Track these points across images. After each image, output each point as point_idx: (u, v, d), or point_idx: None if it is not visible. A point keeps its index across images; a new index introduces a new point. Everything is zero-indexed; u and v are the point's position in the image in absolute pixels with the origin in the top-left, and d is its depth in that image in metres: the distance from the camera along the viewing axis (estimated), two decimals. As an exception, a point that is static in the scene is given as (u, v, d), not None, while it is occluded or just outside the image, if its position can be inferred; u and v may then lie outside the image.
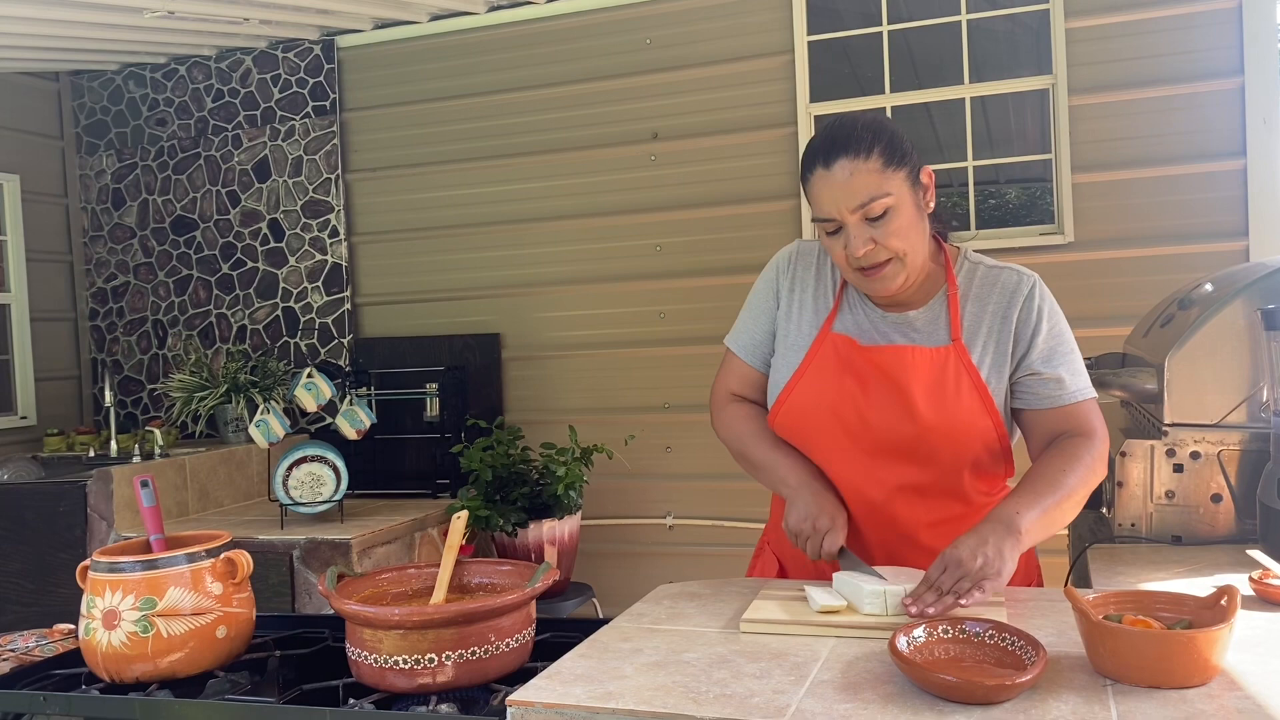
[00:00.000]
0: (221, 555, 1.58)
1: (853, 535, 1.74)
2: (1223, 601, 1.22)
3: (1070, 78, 3.77)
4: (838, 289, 1.80)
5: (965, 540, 1.47)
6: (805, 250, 1.87)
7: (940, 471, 1.70)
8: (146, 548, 1.63)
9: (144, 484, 1.66)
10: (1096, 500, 2.21)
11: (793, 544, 1.72)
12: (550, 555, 3.68)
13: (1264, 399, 1.87)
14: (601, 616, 3.66)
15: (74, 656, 1.64)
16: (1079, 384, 1.68)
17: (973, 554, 1.43)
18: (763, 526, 2.06)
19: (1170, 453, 1.91)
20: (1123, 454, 1.93)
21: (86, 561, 1.58)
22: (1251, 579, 1.52)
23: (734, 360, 1.91)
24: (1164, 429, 1.92)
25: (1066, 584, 1.96)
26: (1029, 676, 1.14)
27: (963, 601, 1.39)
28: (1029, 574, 1.88)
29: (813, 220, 1.70)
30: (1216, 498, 1.89)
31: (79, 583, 1.58)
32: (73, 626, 1.72)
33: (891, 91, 4.01)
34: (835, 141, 1.63)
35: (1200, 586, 1.58)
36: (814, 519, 1.67)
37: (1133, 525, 1.93)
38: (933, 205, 1.70)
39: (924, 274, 1.73)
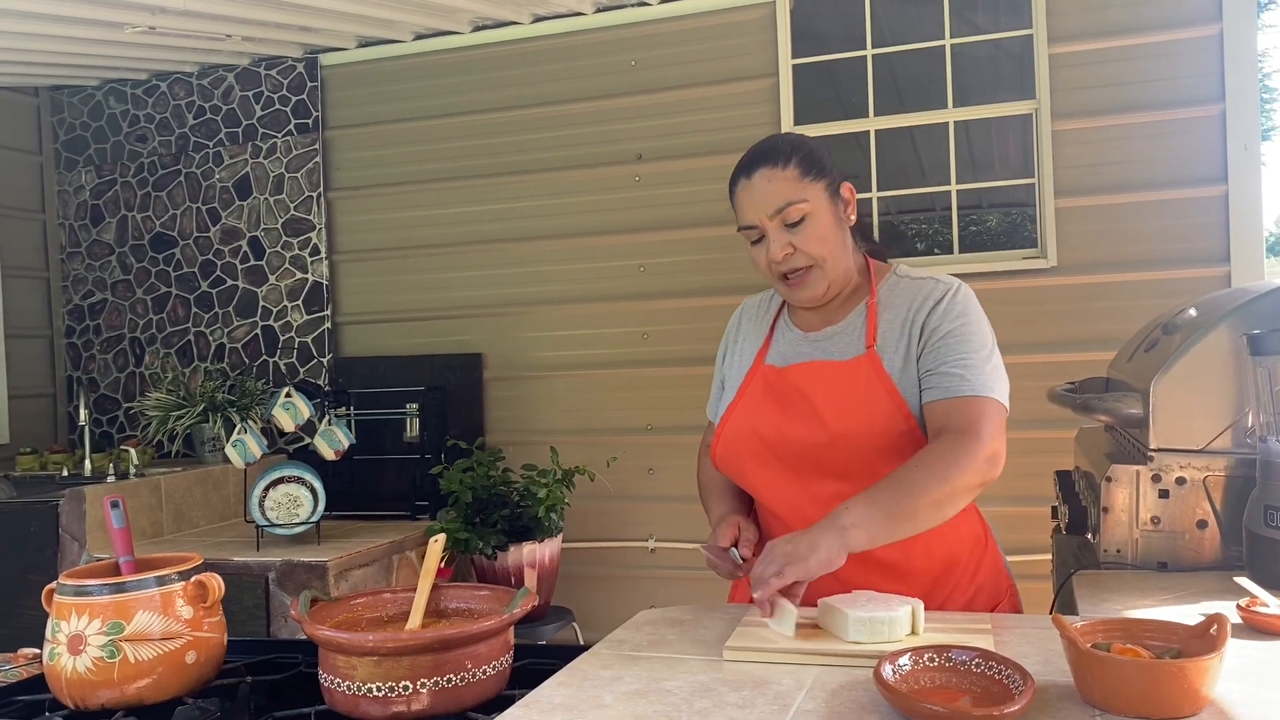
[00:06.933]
0: (192, 578, 1.54)
1: None
2: (1213, 630, 1.20)
3: (1053, 103, 3.79)
4: (770, 326, 1.89)
5: (794, 533, 1.53)
6: (749, 305, 1.99)
7: (861, 483, 1.63)
8: (116, 570, 1.59)
9: (114, 504, 1.62)
10: (1081, 525, 2.20)
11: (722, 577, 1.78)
12: (530, 578, 3.64)
13: (1249, 425, 1.86)
14: (582, 641, 3.62)
15: (38, 682, 1.59)
16: (976, 381, 1.64)
17: (787, 542, 1.50)
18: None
19: (1156, 478, 1.89)
20: (1108, 479, 1.92)
21: (52, 585, 1.54)
22: (1239, 607, 1.50)
23: (710, 425, 2.00)
24: (1149, 454, 1.91)
25: (1052, 611, 1.94)
26: (1016, 706, 1.12)
27: (773, 581, 1.45)
28: (996, 593, 1.85)
29: (738, 229, 1.80)
30: (1202, 524, 1.87)
31: (44, 606, 1.53)
32: (38, 651, 1.67)
33: (875, 115, 4.02)
34: (756, 155, 1.77)
35: (1187, 614, 1.56)
36: (712, 546, 1.76)
37: (1118, 551, 1.92)
38: (854, 218, 1.79)
39: (848, 285, 1.80)
